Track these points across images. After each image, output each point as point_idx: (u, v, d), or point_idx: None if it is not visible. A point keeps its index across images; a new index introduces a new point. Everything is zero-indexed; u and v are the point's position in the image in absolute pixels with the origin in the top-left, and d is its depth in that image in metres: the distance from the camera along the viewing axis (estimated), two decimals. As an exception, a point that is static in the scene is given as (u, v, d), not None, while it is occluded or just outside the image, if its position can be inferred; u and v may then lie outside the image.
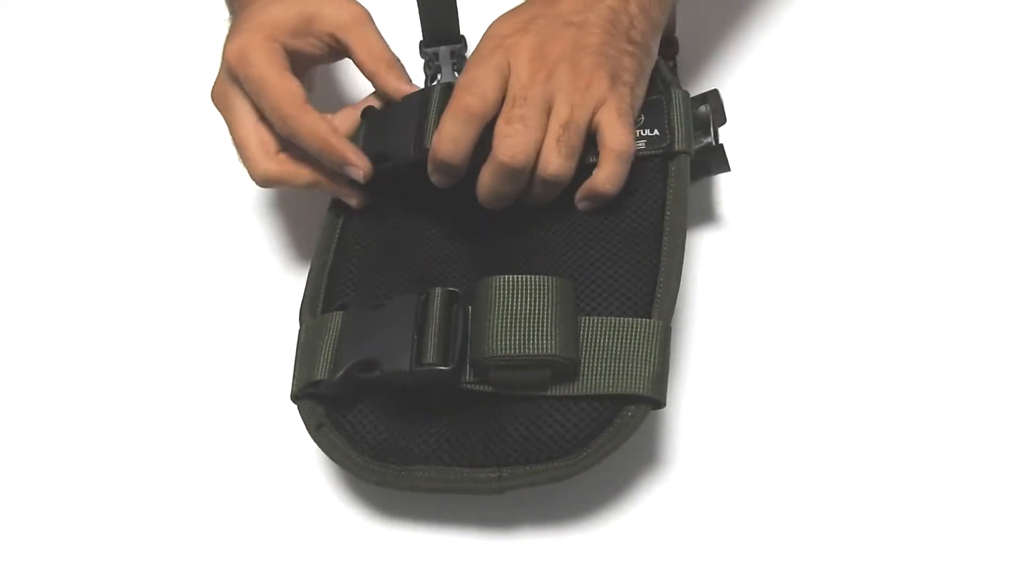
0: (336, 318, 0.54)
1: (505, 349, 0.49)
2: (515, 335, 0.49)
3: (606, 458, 0.50)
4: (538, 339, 0.49)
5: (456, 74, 0.68)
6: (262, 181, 0.58)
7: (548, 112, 0.54)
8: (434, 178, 0.55)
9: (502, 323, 0.50)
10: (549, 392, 0.51)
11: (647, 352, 0.51)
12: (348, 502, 0.57)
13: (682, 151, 0.56)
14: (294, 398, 0.54)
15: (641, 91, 0.57)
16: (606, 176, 0.54)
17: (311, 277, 0.58)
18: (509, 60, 0.55)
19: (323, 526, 0.56)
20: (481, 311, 0.51)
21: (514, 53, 0.55)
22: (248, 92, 0.57)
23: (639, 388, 0.50)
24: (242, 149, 0.58)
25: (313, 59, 0.60)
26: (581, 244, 0.54)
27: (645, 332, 0.51)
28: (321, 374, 0.52)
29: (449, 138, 0.53)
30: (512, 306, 0.50)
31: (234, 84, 0.57)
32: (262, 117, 0.57)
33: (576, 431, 0.50)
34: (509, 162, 0.53)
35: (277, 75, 0.56)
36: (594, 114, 0.54)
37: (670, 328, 0.52)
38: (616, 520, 0.55)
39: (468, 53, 0.69)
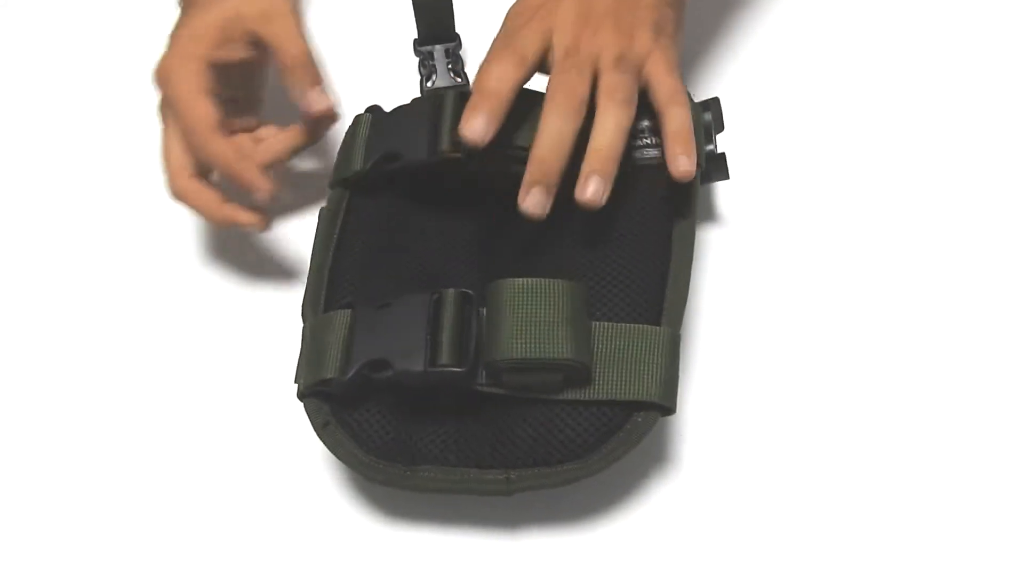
0: (343, 316, 0.53)
1: (519, 352, 0.49)
2: (529, 338, 0.49)
3: (615, 462, 0.50)
4: (552, 343, 0.49)
5: (451, 73, 0.68)
6: (172, 198, 0.60)
7: (596, 64, 0.54)
8: (473, 120, 0.52)
9: (516, 326, 0.49)
10: (560, 396, 0.50)
11: (656, 359, 0.51)
12: (353, 501, 0.56)
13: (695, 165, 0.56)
14: (301, 396, 0.53)
15: (680, 42, 0.58)
16: (678, 123, 0.54)
17: (311, 275, 0.57)
18: (550, 25, 0.55)
19: (328, 525, 0.55)
20: (494, 313, 0.50)
21: (556, 16, 0.55)
22: (171, 112, 0.59)
23: (649, 394, 0.50)
24: (163, 163, 0.60)
25: (246, 65, 0.61)
26: (589, 250, 0.54)
27: (654, 339, 0.51)
28: (330, 372, 0.51)
29: (496, 76, 0.52)
30: (526, 309, 0.50)
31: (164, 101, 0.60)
32: None
33: (586, 435, 0.50)
34: (568, 98, 0.52)
35: (192, 98, 0.57)
36: (641, 68, 0.54)
37: (679, 335, 0.52)
38: (623, 520, 0.55)
39: (463, 52, 0.70)
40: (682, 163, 0.53)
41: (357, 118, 0.61)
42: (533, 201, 0.52)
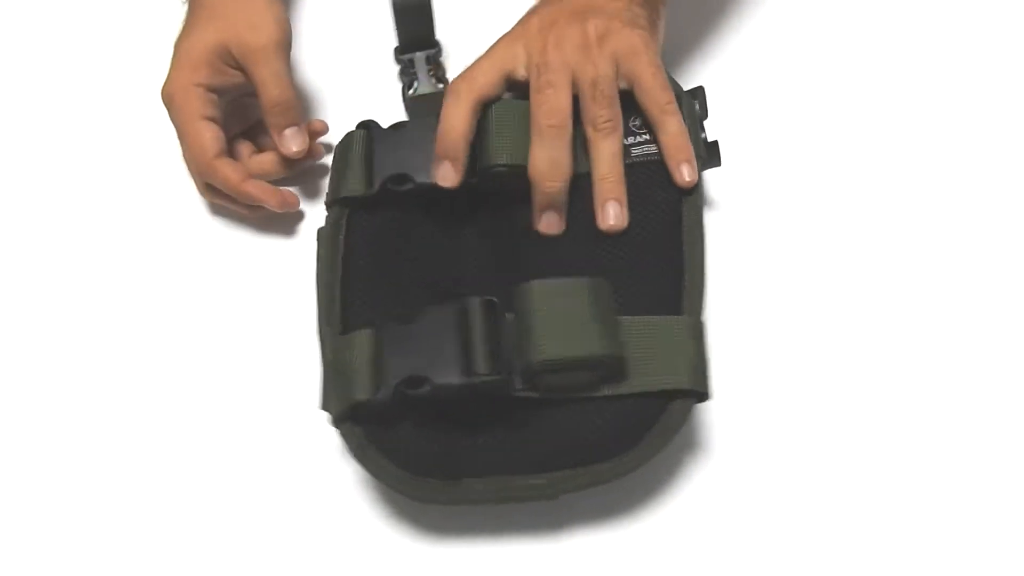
0: (364, 336, 0.52)
1: (555, 353, 0.49)
2: (562, 338, 0.49)
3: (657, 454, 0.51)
4: (585, 340, 0.49)
5: (434, 80, 0.68)
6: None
7: (573, 76, 0.55)
8: (439, 170, 0.56)
9: (547, 328, 0.50)
10: (597, 393, 0.51)
11: (683, 347, 0.51)
12: (390, 523, 0.55)
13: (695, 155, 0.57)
14: (334, 423, 0.53)
15: (660, 33, 0.58)
16: (673, 133, 0.55)
17: (322, 298, 0.56)
18: (522, 44, 0.56)
19: (371, 551, 0.55)
20: (523, 317, 0.50)
21: (526, 35, 0.56)
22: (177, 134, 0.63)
23: (680, 382, 0.51)
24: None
25: (243, 87, 0.63)
26: (600, 248, 0.55)
27: (678, 328, 0.52)
28: (363, 395, 0.51)
29: (448, 118, 0.55)
30: (556, 310, 0.50)
31: None
32: None
33: (625, 430, 0.51)
34: (549, 121, 0.54)
35: (193, 128, 0.61)
36: (619, 63, 0.55)
37: (702, 322, 0.53)
38: (663, 510, 0.55)
39: (443, 58, 0.69)
40: (686, 172, 0.55)
41: (349, 135, 0.60)
42: (548, 223, 0.56)
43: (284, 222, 0.65)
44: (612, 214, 0.54)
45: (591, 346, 0.49)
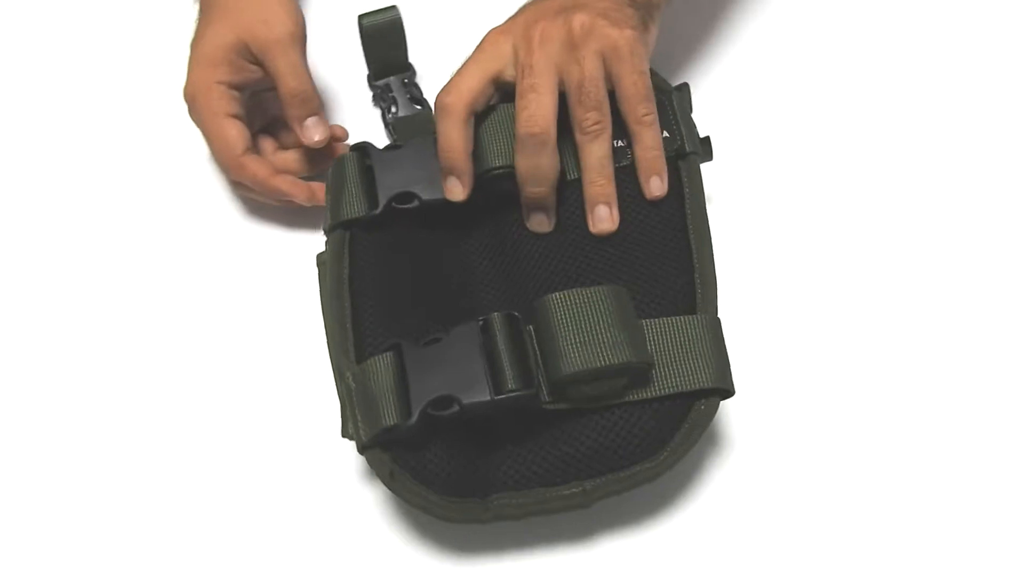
0: (384, 361, 0.51)
1: (583, 364, 0.49)
2: (590, 348, 0.49)
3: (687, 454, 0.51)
4: (613, 348, 0.49)
5: (411, 102, 0.68)
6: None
7: (560, 76, 0.54)
8: (449, 186, 0.56)
9: (572, 339, 0.49)
10: (625, 399, 0.50)
11: (702, 346, 0.51)
12: (419, 548, 0.54)
13: (692, 152, 0.57)
14: (362, 450, 0.51)
15: (652, 35, 0.58)
16: (647, 146, 0.55)
17: (332, 326, 0.55)
18: (510, 42, 0.56)
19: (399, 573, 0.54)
20: (545, 329, 0.50)
21: (512, 32, 0.56)
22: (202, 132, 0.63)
23: (705, 381, 0.51)
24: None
25: (263, 82, 0.63)
26: (608, 253, 0.55)
27: (696, 327, 0.52)
28: (390, 420, 0.50)
29: (444, 136, 0.55)
30: (579, 320, 0.50)
31: None
32: None
33: (654, 432, 0.50)
34: (529, 130, 0.53)
35: (216, 126, 0.61)
36: (604, 62, 0.55)
37: (718, 320, 0.53)
38: (691, 507, 0.55)
39: (418, 78, 0.69)
40: (655, 187, 0.56)
41: (341, 159, 0.59)
42: (536, 222, 0.57)
43: (315, 215, 0.64)
44: (602, 216, 0.55)
45: (619, 354, 0.49)
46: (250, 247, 0.65)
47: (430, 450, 0.50)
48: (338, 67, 0.70)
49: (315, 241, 0.62)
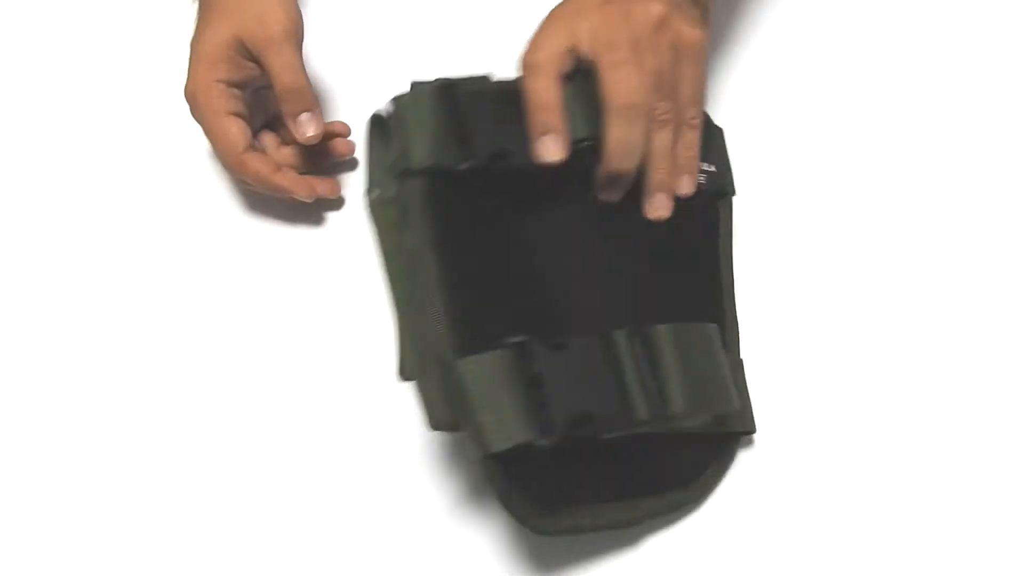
0: (504, 358, 0.48)
1: (697, 408, 0.51)
2: (708, 395, 0.51)
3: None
4: (725, 397, 0.52)
5: None
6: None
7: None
8: (545, 144, 0.52)
9: (693, 382, 0.51)
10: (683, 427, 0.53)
11: (730, 387, 0.54)
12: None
13: (731, 193, 0.59)
14: (485, 457, 0.48)
15: (709, 13, 0.58)
16: (688, 142, 0.56)
17: (407, 287, 0.51)
18: (582, 20, 0.53)
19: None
20: (657, 360, 0.51)
21: (581, 11, 0.53)
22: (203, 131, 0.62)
23: (733, 425, 0.55)
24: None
25: (262, 79, 0.62)
26: (669, 281, 0.56)
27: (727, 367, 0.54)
28: (524, 432, 0.47)
29: (537, 91, 0.52)
30: (691, 360, 0.51)
31: None
32: None
33: (697, 459, 0.54)
34: (629, 99, 0.52)
35: (218, 125, 0.61)
36: (676, 55, 0.54)
37: (741, 361, 0.56)
38: (718, 501, 0.56)
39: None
40: (684, 184, 0.56)
41: (411, 94, 0.52)
42: (608, 195, 0.55)
43: (317, 210, 0.65)
44: (662, 203, 0.55)
45: (728, 401, 0.52)
46: (252, 243, 0.65)
47: (531, 461, 0.49)
48: (338, 66, 0.70)
49: (317, 236, 0.64)
